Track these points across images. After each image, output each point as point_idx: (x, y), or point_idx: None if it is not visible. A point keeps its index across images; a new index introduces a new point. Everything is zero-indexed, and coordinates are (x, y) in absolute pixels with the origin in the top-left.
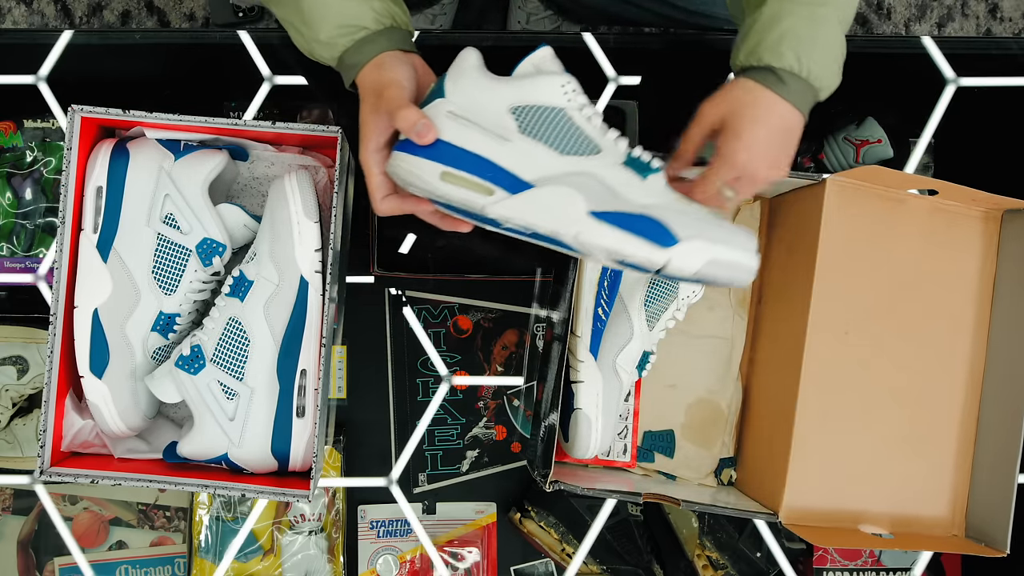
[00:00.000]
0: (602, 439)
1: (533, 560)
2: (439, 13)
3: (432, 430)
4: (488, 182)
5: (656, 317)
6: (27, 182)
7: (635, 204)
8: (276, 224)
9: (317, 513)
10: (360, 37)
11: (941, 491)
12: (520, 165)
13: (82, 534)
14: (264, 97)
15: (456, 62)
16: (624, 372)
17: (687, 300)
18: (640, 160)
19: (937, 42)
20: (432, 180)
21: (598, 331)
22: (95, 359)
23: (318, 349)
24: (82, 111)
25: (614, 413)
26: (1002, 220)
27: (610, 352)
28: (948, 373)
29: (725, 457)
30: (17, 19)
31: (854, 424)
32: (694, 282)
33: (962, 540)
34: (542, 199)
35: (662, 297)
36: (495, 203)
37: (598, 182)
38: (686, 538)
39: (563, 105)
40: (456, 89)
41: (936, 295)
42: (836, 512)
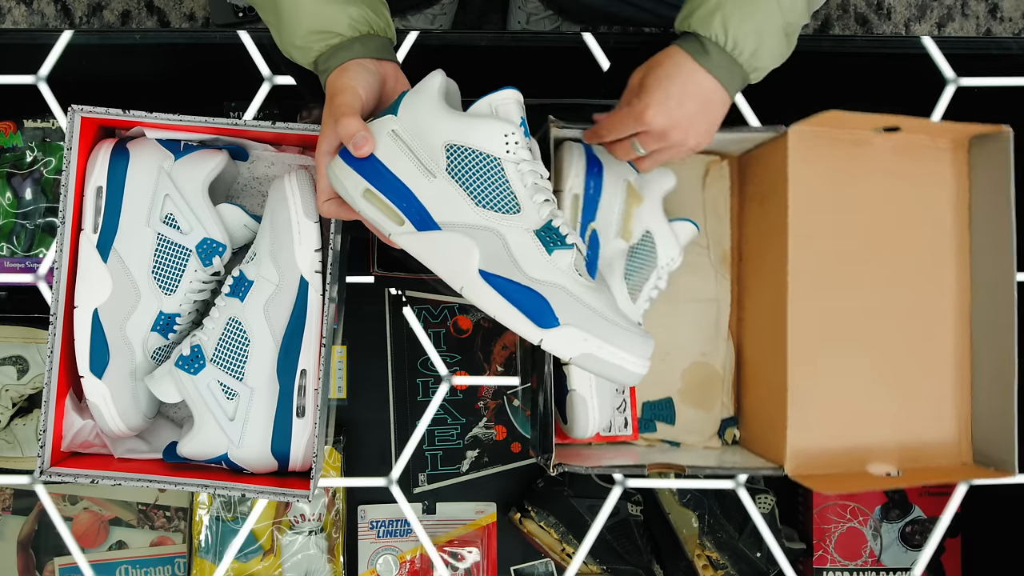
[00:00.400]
0: (600, 417)
1: (533, 560)
2: (439, 13)
3: (432, 430)
4: (401, 212)
5: (638, 288)
6: (27, 182)
7: (527, 276)
8: (276, 224)
9: (317, 513)
10: (334, 43)
11: (945, 417)
12: (435, 204)
13: (82, 534)
14: (264, 97)
15: (421, 82)
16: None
17: (667, 267)
18: (556, 231)
19: (937, 42)
20: (354, 194)
21: None
22: (95, 359)
23: (318, 349)
24: (82, 111)
25: (609, 389)
26: (969, 147)
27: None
28: (935, 304)
29: (726, 417)
30: (17, 19)
31: (847, 365)
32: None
33: (971, 467)
34: (442, 244)
35: (642, 268)
36: (400, 234)
37: (502, 244)
38: (686, 538)
39: (499, 155)
40: (408, 110)
41: (914, 229)
42: (843, 454)
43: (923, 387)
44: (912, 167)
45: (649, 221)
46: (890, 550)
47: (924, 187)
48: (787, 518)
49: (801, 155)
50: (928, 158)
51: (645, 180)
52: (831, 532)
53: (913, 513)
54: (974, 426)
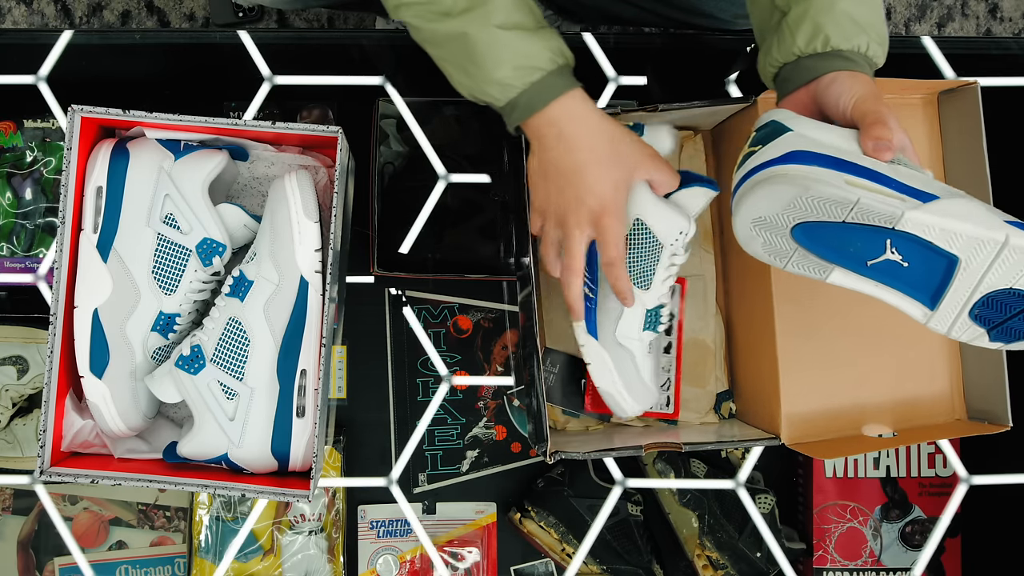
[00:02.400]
0: (638, 401)
1: (533, 560)
2: None
3: (432, 430)
4: (896, 191)
5: (647, 275)
6: (27, 182)
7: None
8: (276, 224)
9: (317, 513)
10: (535, 79)
11: (936, 374)
12: (912, 181)
13: (82, 534)
14: (264, 97)
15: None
16: (630, 340)
17: (679, 243)
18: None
19: (937, 42)
20: (835, 192)
21: (590, 311)
22: (95, 359)
23: (318, 349)
24: (82, 111)
25: (637, 378)
26: (939, 103)
27: (607, 328)
28: None
29: (721, 391)
30: (17, 19)
31: (835, 330)
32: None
33: (965, 423)
34: (959, 207)
35: (645, 256)
36: (915, 211)
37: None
38: (686, 538)
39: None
40: (802, 125)
41: None
42: (837, 419)
43: (913, 346)
44: None
45: (633, 208)
46: (890, 550)
47: None
48: (787, 518)
49: None
50: (899, 115)
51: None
52: (831, 532)
53: (913, 513)
54: (966, 381)
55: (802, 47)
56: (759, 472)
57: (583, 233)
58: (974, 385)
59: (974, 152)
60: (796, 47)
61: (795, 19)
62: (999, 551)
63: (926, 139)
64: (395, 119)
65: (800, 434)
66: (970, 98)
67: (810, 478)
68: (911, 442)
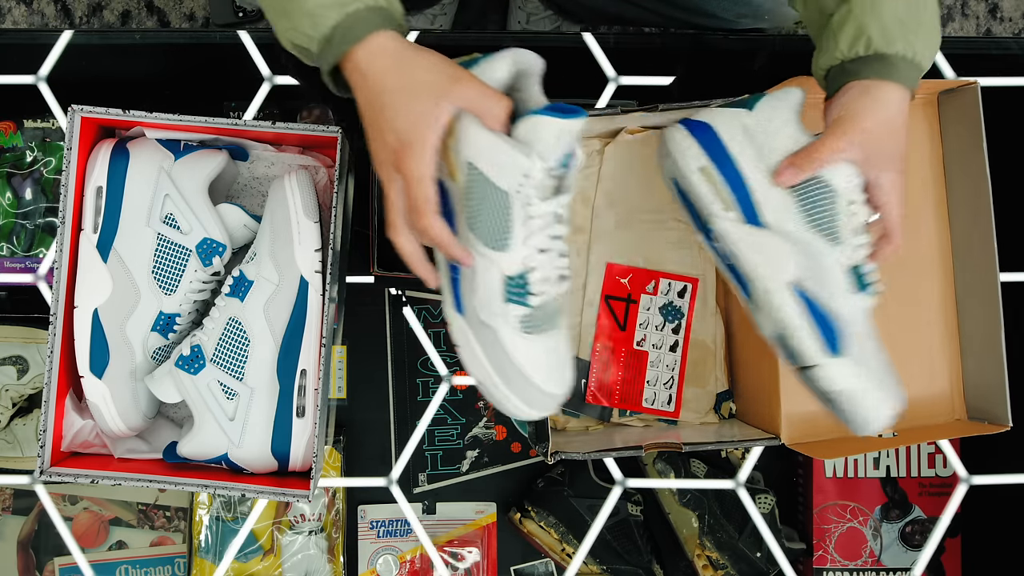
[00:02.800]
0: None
1: (533, 560)
2: (439, 13)
3: (432, 430)
4: (734, 199)
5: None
6: (27, 182)
7: (832, 306)
8: (276, 224)
9: (317, 513)
10: (351, 10)
11: (936, 374)
12: (768, 206)
13: (82, 534)
14: (264, 97)
15: (783, 94)
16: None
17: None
18: (862, 274)
19: None
20: (690, 165)
21: (456, 281)
22: (95, 359)
23: (318, 349)
24: (82, 111)
25: (509, 365)
26: (938, 103)
27: (469, 301)
28: (918, 261)
29: (721, 391)
30: (17, 19)
31: None
32: (826, 400)
33: (965, 423)
34: (765, 243)
35: (489, 209)
36: (723, 219)
37: (818, 266)
38: (686, 538)
39: (838, 189)
40: (767, 111)
41: None
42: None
43: (912, 345)
44: None
45: (467, 148)
46: (890, 550)
47: None
48: (787, 518)
49: None
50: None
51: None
52: (831, 532)
53: (913, 513)
54: (965, 382)
55: (845, 51)
56: (759, 472)
57: (392, 181)
58: (974, 385)
59: (974, 152)
60: (839, 51)
61: (839, 20)
62: (999, 551)
63: (927, 139)
64: None
65: (800, 434)
66: (970, 98)
67: (810, 478)
68: (911, 442)
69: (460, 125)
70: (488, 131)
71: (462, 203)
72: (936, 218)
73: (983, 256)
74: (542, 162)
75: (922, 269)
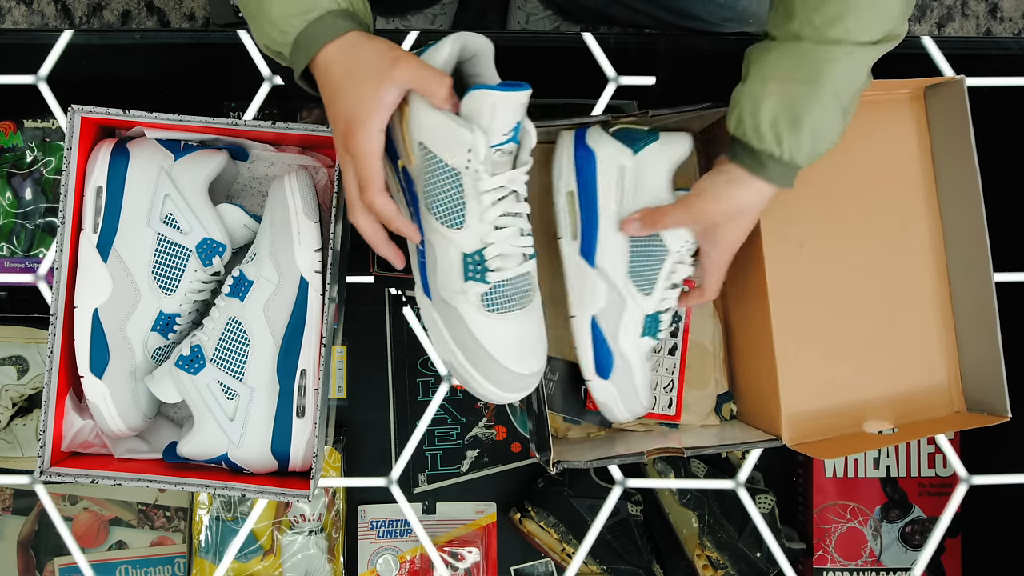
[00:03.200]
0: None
1: (533, 560)
2: (439, 13)
3: (432, 430)
4: (580, 231)
5: (454, 212)
6: (27, 182)
7: (615, 344)
8: (276, 224)
9: (317, 513)
10: (313, 18)
11: (934, 367)
12: (605, 248)
13: (82, 534)
14: (264, 97)
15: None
16: (452, 294)
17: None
18: (657, 321)
19: (937, 42)
20: (562, 186)
21: (423, 265)
22: (95, 359)
23: (318, 349)
24: (82, 111)
25: (473, 343)
26: (925, 99)
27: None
28: (911, 256)
29: (721, 393)
30: (17, 19)
31: (833, 329)
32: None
33: (965, 415)
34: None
35: (442, 188)
36: (566, 244)
37: (620, 310)
38: (686, 538)
39: (672, 251)
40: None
41: (879, 183)
42: (838, 417)
43: (909, 340)
44: (871, 122)
45: (418, 129)
46: (890, 550)
47: (886, 140)
48: (787, 518)
49: None
50: (886, 112)
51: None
52: (831, 532)
53: (913, 513)
54: (963, 374)
55: (731, 127)
56: (759, 472)
57: (347, 165)
58: (971, 377)
59: (962, 146)
60: (729, 123)
61: (734, 97)
62: (999, 551)
63: (914, 135)
64: None
65: (801, 434)
66: (956, 92)
67: (810, 478)
68: (912, 437)
69: (410, 108)
70: (434, 110)
71: (419, 185)
72: (928, 213)
73: (975, 248)
74: (485, 136)
75: (915, 264)
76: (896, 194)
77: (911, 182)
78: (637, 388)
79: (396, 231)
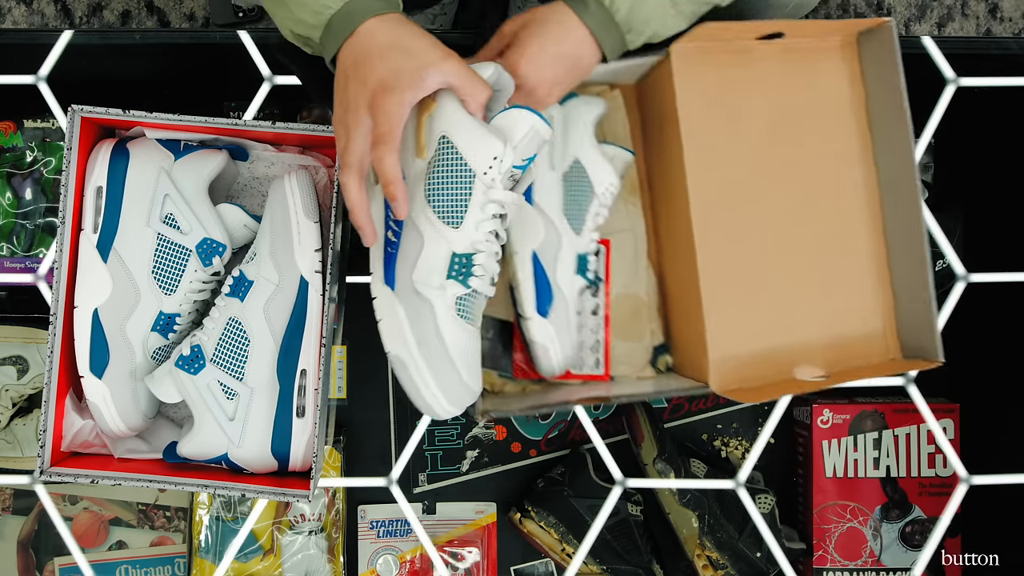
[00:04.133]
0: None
1: (533, 560)
2: (439, 13)
3: (432, 430)
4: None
5: (456, 209)
6: (27, 182)
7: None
8: (276, 224)
9: (317, 513)
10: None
11: (868, 314)
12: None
13: (82, 534)
14: (264, 97)
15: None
16: (428, 288)
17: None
18: (586, 262)
19: (937, 42)
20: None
21: (391, 257)
22: (95, 359)
23: (318, 349)
24: (82, 111)
25: (436, 340)
26: (858, 44)
27: (404, 273)
28: (844, 203)
29: (658, 345)
30: (17, 19)
31: (763, 274)
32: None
33: (900, 361)
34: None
35: (453, 183)
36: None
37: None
38: (686, 538)
39: (598, 193)
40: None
41: (813, 132)
42: (770, 364)
43: (843, 286)
44: (802, 69)
45: (444, 124)
46: (890, 550)
47: (818, 87)
48: (787, 518)
49: (686, 70)
50: (818, 59)
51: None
52: (831, 532)
53: (913, 513)
54: (898, 320)
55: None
56: (759, 472)
57: (359, 124)
58: (906, 324)
59: (894, 92)
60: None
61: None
62: (999, 551)
63: (847, 82)
64: None
65: (730, 380)
66: (886, 36)
67: (810, 478)
68: (843, 382)
69: (441, 101)
70: (468, 112)
71: (423, 178)
72: (862, 161)
73: (908, 195)
74: (513, 152)
75: (850, 210)
76: (830, 141)
77: (845, 129)
78: (571, 328)
79: (389, 195)
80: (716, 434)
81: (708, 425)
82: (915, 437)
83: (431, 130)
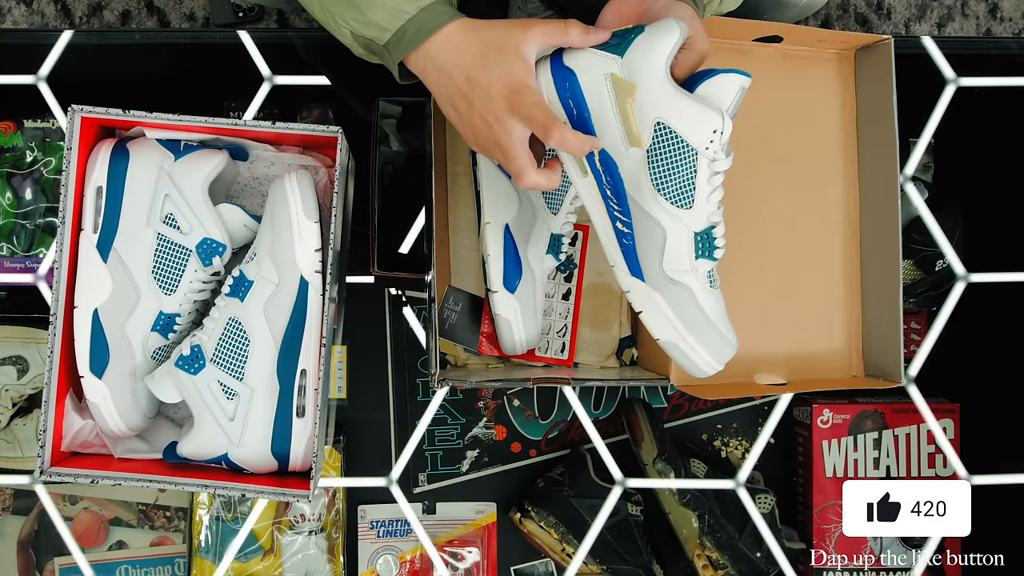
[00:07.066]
0: (711, 351)
1: (533, 560)
2: None
3: (432, 430)
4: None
5: (686, 191)
6: (27, 182)
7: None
8: (276, 224)
9: (317, 513)
10: (426, 4)
11: (835, 330)
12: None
13: (82, 534)
14: (264, 97)
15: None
16: (682, 273)
17: (716, 145)
18: (560, 243)
19: (937, 42)
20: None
21: (628, 247)
22: (95, 359)
23: (318, 349)
24: (82, 111)
25: (703, 320)
26: (855, 59)
27: (652, 263)
28: (823, 216)
29: (624, 337)
30: (17, 19)
31: (735, 278)
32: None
33: (860, 378)
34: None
35: (677, 167)
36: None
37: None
38: (686, 538)
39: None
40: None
41: (800, 141)
42: (732, 365)
43: (813, 298)
44: (796, 77)
45: (654, 109)
46: (890, 550)
47: (810, 97)
48: (787, 518)
49: None
50: (813, 68)
51: (632, 59)
52: (831, 532)
53: None
54: (864, 338)
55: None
56: (759, 472)
57: (511, 131)
58: (872, 343)
59: (885, 109)
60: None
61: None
62: (999, 551)
63: (839, 96)
64: (395, 119)
65: (688, 376)
66: (884, 54)
67: (810, 478)
68: (799, 390)
69: (641, 89)
70: (674, 89)
71: (644, 166)
72: (845, 177)
73: (887, 217)
74: (729, 120)
75: (828, 224)
76: (816, 153)
77: (832, 143)
78: (536, 308)
79: (578, 152)
80: (716, 434)
81: (708, 425)
82: (915, 437)
83: (642, 117)
